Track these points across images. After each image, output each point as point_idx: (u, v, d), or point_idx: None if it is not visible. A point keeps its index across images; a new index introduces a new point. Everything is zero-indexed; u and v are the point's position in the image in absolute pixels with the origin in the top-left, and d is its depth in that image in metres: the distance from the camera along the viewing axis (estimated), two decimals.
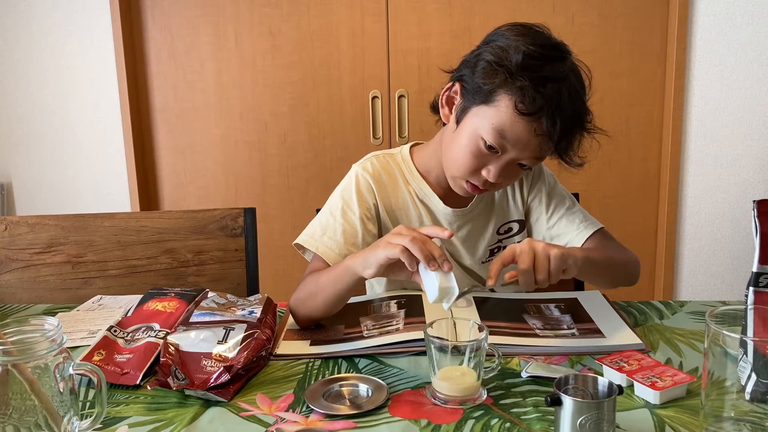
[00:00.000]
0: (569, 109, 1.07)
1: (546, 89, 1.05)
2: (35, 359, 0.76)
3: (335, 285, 1.10)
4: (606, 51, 2.38)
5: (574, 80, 1.09)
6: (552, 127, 1.06)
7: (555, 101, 1.05)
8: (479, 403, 0.89)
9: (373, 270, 1.02)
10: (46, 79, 2.56)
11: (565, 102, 1.06)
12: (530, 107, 1.05)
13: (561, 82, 1.06)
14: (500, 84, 1.07)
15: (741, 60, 2.34)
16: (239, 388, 0.95)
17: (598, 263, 1.15)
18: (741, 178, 2.41)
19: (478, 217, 1.30)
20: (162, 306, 1.15)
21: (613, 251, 1.23)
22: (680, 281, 2.54)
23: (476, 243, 1.31)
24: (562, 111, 1.06)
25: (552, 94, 1.05)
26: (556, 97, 1.05)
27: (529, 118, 1.06)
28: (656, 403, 0.87)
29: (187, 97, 2.54)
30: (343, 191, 1.28)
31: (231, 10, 2.45)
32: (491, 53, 1.10)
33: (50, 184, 2.66)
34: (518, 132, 1.08)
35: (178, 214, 1.54)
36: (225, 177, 2.59)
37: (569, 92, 1.07)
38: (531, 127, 1.07)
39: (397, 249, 0.97)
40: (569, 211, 1.29)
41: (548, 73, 1.06)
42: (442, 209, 1.28)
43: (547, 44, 1.09)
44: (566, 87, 1.07)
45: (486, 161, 1.13)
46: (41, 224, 1.52)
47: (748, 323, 0.83)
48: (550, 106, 1.05)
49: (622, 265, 1.24)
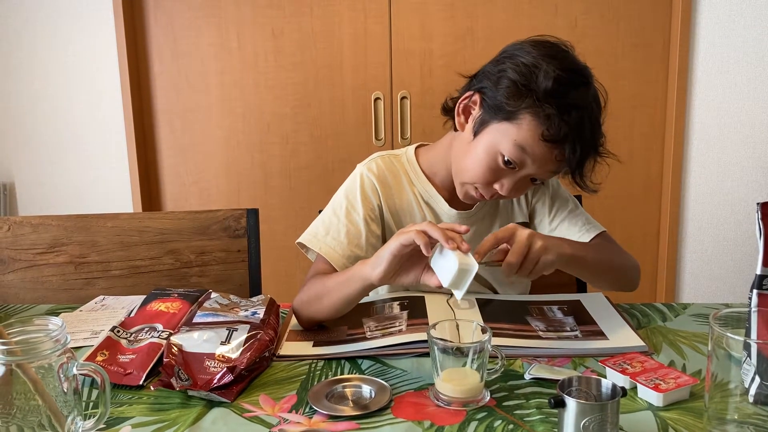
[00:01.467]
0: (589, 137, 1.09)
1: (571, 117, 1.06)
2: (39, 359, 0.76)
3: (342, 290, 1.09)
4: (608, 53, 2.38)
5: (595, 107, 1.11)
6: (572, 154, 1.08)
7: (578, 130, 1.07)
8: (482, 404, 0.89)
9: (384, 265, 1.00)
10: (48, 79, 2.57)
11: (587, 130, 1.08)
12: (555, 135, 1.06)
13: (585, 110, 1.08)
14: (526, 107, 1.08)
15: (744, 62, 2.34)
16: (242, 389, 0.95)
17: (587, 263, 1.14)
18: (744, 181, 2.41)
19: (483, 220, 1.30)
20: (165, 307, 1.15)
21: (613, 254, 1.23)
22: (682, 283, 2.53)
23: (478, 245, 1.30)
24: (582, 139, 1.08)
25: (576, 122, 1.06)
26: (579, 125, 1.07)
27: (552, 145, 1.08)
28: (659, 406, 0.87)
29: (189, 97, 2.54)
30: (348, 191, 1.28)
31: (233, 11, 2.46)
32: (516, 72, 1.09)
33: (52, 184, 2.66)
34: (539, 153, 1.10)
35: (181, 215, 1.54)
36: (227, 178, 2.59)
37: (590, 120, 1.09)
38: (552, 152, 1.09)
39: (412, 233, 0.96)
40: (572, 214, 1.29)
41: (574, 101, 1.07)
42: (446, 211, 1.28)
43: (575, 69, 1.10)
44: (588, 115, 1.08)
45: (501, 175, 1.15)
46: (44, 224, 1.53)
47: (751, 326, 0.83)
48: (572, 134, 1.07)
49: (621, 269, 1.24)
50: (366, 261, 1.06)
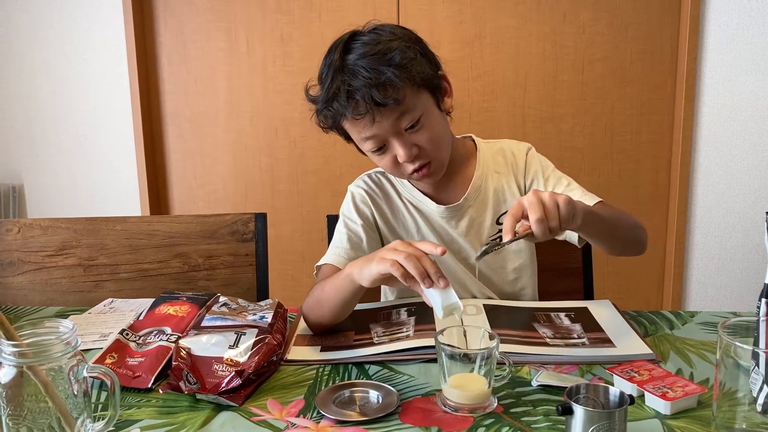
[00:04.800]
0: (361, 78, 1.11)
1: (334, 93, 1.14)
2: (50, 362, 0.77)
3: (338, 293, 1.11)
4: (616, 60, 2.38)
5: (352, 56, 1.15)
6: (367, 102, 1.11)
7: (348, 92, 1.12)
8: (489, 411, 0.89)
9: (367, 282, 1.04)
10: (58, 83, 2.58)
11: (356, 80, 1.12)
12: (346, 112, 1.13)
13: (339, 73, 1.14)
14: (327, 125, 1.22)
15: (752, 70, 2.33)
16: (250, 393, 0.95)
17: (601, 218, 1.13)
18: (751, 189, 2.41)
19: (474, 210, 1.31)
20: (174, 310, 1.16)
21: (618, 212, 1.23)
22: (689, 291, 2.53)
23: (477, 235, 1.32)
24: (358, 90, 1.11)
25: (337, 89, 1.13)
26: (342, 89, 1.13)
27: (358, 116, 1.13)
28: (667, 414, 0.87)
29: (198, 101, 2.56)
30: (343, 209, 1.35)
31: (243, 17, 2.47)
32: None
33: (61, 187, 2.68)
34: (361, 129, 1.17)
35: (190, 219, 1.55)
36: (235, 182, 2.60)
37: (351, 71, 1.13)
38: (367, 117, 1.13)
39: (388, 263, 0.98)
40: (568, 188, 1.29)
41: (329, 80, 1.15)
42: (435, 209, 1.31)
43: (324, 57, 1.21)
44: (345, 71, 1.13)
45: (388, 155, 1.20)
46: (54, 227, 1.54)
47: (760, 335, 0.82)
48: (349, 100, 1.12)
49: (627, 226, 1.23)
50: (355, 263, 1.08)
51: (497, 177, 1.32)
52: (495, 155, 1.35)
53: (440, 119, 1.22)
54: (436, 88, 1.21)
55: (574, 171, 2.40)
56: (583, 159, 2.45)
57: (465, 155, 1.34)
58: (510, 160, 1.34)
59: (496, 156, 1.34)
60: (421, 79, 1.15)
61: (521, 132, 2.44)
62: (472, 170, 1.32)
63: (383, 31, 1.18)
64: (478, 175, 1.32)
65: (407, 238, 1.32)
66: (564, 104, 2.42)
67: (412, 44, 1.17)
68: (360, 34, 1.19)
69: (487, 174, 1.32)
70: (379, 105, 1.11)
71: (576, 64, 2.38)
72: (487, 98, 2.42)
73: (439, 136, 1.21)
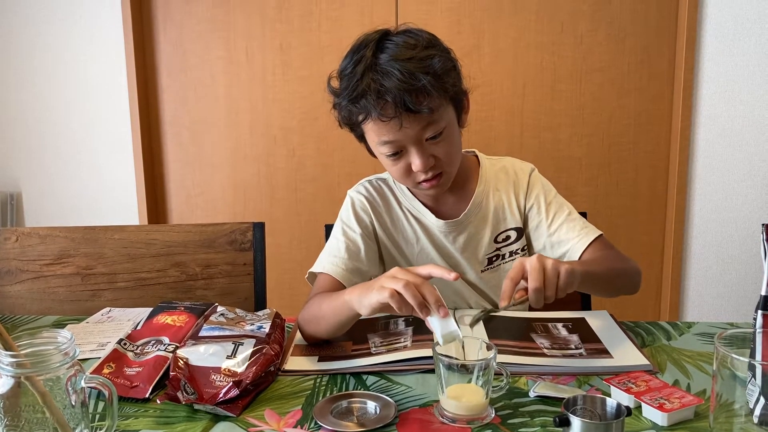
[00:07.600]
0: (399, 80, 1.09)
1: (363, 91, 1.10)
2: (48, 372, 0.77)
3: (335, 316, 1.09)
4: (614, 70, 2.40)
5: (385, 56, 1.12)
6: (398, 107, 1.09)
7: (378, 93, 1.09)
8: (487, 422, 0.89)
9: (366, 311, 1.01)
10: (57, 90, 2.59)
11: (389, 81, 1.09)
12: (374, 113, 1.10)
13: (369, 71, 1.11)
14: (346, 114, 1.17)
15: (749, 80, 2.34)
16: (248, 403, 0.95)
17: (598, 276, 1.15)
18: (748, 199, 2.42)
19: (473, 226, 1.31)
20: (171, 320, 1.16)
21: (614, 261, 1.24)
22: (686, 302, 2.53)
23: (474, 252, 1.32)
24: (390, 92, 1.09)
25: (365, 89, 1.10)
26: (371, 88, 1.10)
27: (385, 119, 1.11)
28: (664, 425, 0.87)
29: (196, 110, 2.56)
30: (342, 215, 1.33)
31: (242, 25, 2.48)
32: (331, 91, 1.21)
33: (59, 195, 2.68)
34: (384, 132, 1.13)
35: (188, 228, 1.55)
36: (233, 190, 2.60)
37: (381, 71, 1.10)
38: (393, 121, 1.11)
39: (387, 293, 0.95)
40: (569, 218, 1.30)
41: (355, 75, 1.12)
42: (434, 222, 1.30)
43: (353, 49, 1.17)
44: (377, 70, 1.11)
45: (402, 162, 1.18)
46: (52, 236, 1.54)
47: (756, 346, 0.83)
48: (379, 101, 1.10)
49: (623, 275, 1.24)
50: (354, 290, 1.05)
51: (498, 194, 1.33)
52: (498, 172, 1.35)
53: (458, 134, 1.23)
54: (460, 102, 1.21)
55: (571, 181, 2.41)
56: (580, 169, 2.46)
57: (468, 170, 1.34)
58: (512, 178, 1.34)
59: (498, 173, 1.35)
60: (453, 92, 1.16)
61: (519, 142, 2.45)
62: (473, 186, 1.32)
63: (419, 36, 1.16)
64: (479, 191, 1.32)
65: (406, 247, 1.33)
66: (562, 114, 2.43)
67: (448, 55, 1.18)
68: (393, 35, 1.17)
69: (489, 191, 1.33)
70: (410, 111, 1.10)
71: (574, 74, 2.39)
72: (485, 108, 2.43)
73: (456, 151, 1.21)
